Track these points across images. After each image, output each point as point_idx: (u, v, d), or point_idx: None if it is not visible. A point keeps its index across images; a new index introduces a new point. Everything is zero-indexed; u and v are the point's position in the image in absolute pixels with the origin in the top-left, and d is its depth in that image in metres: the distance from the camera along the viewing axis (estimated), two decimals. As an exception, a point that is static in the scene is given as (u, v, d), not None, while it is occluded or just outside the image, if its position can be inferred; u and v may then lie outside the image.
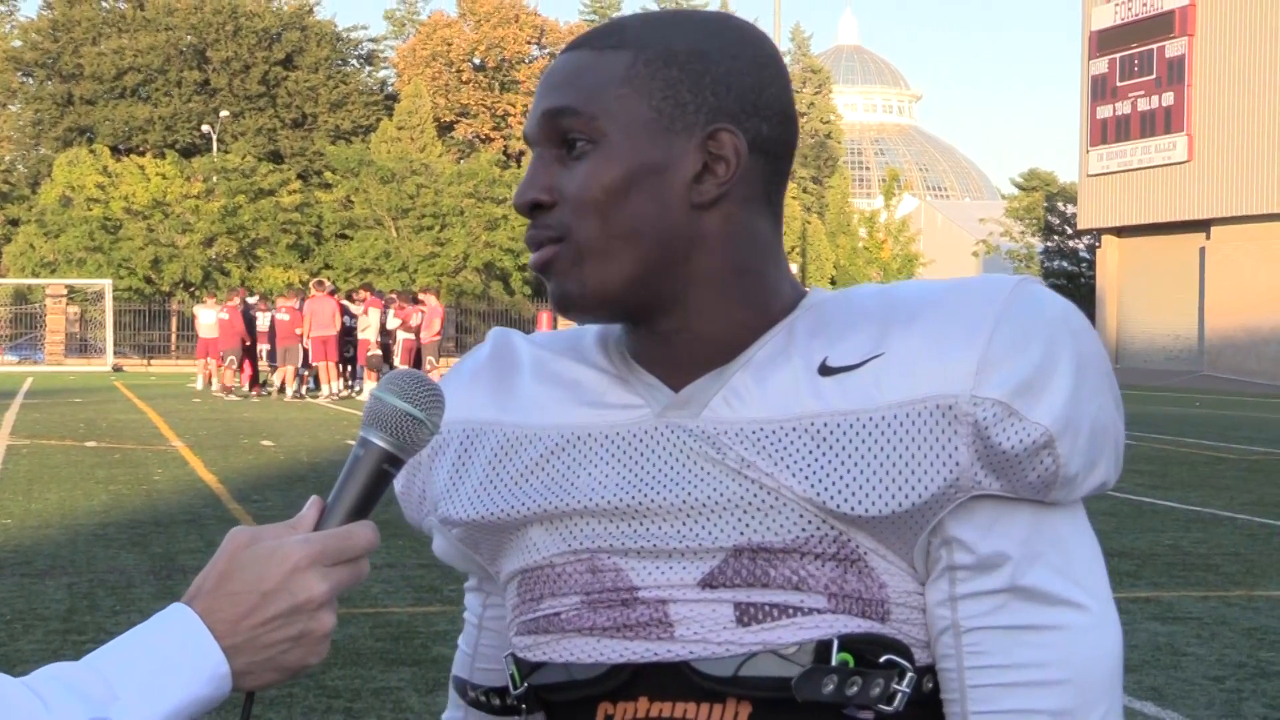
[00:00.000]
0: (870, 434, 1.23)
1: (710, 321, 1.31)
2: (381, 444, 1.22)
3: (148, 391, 31.76)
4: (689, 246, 1.30)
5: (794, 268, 59.07)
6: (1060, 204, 66.90)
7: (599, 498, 1.31)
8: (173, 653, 1.13)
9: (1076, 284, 65.01)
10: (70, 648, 6.97)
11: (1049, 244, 67.39)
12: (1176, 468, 16.51)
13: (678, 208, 1.29)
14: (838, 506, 1.23)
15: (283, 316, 29.42)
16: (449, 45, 73.40)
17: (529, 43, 73.81)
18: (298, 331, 28.97)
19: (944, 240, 79.82)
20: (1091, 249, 60.38)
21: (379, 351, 29.51)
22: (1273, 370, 45.19)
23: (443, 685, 6.28)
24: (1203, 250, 48.85)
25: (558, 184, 1.30)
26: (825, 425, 1.25)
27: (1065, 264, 67.06)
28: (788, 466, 1.25)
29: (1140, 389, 40.80)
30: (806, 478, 1.24)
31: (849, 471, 1.23)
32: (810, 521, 1.25)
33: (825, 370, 1.27)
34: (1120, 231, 52.88)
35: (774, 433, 1.26)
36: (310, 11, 70.28)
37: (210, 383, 31.81)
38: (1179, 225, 49.71)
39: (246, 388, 30.84)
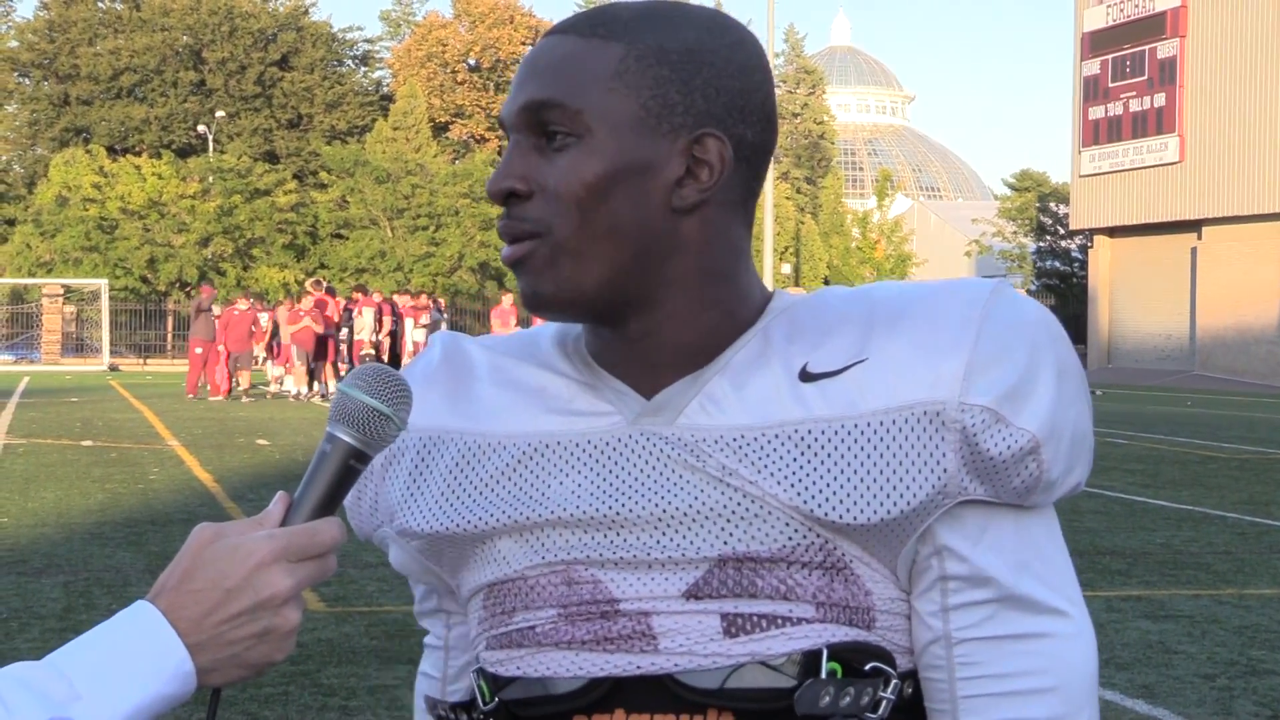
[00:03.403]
0: (856, 441, 1.22)
1: (680, 325, 1.28)
2: (348, 440, 1.20)
3: (144, 391, 31.71)
4: (665, 250, 1.27)
5: (787, 268, 59.35)
6: (1052, 204, 66.92)
7: (573, 508, 1.27)
8: (136, 650, 1.12)
9: (1069, 284, 65.05)
10: (68, 646, 6.98)
11: (1041, 244, 67.42)
12: (1168, 467, 16.53)
13: (657, 210, 1.26)
14: (825, 515, 1.22)
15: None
16: (444, 46, 73.34)
17: (524, 44, 73.72)
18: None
19: (937, 240, 79.83)
20: (1084, 249, 60.37)
21: (372, 351, 29.48)
22: (1263, 370, 45.23)
23: (438, 682, 6.30)
24: (1194, 250, 48.87)
25: (536, 174, 1.26)
26: (810, 432, 1.23)
27: (1058, 264, 67.09)
28: (772, 474, 1.23)
29: (1132, 388, 40.85)
30: (792, 485, 1.22)
31: (835, 479, 1.22)
32: (796, 530, 1.23)
33: (806, 376, 1.25)
34: (1112, 232, 52.90)
35: (756, 440, 1.24)
36: (306, 12, 70.21)
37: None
38: (1171, 225, 49.73)
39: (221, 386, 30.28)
